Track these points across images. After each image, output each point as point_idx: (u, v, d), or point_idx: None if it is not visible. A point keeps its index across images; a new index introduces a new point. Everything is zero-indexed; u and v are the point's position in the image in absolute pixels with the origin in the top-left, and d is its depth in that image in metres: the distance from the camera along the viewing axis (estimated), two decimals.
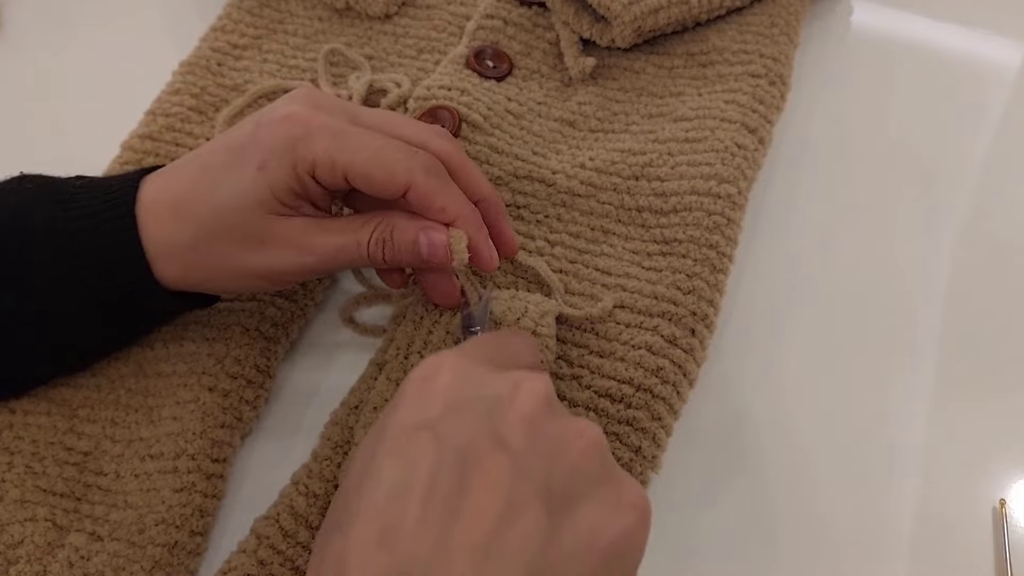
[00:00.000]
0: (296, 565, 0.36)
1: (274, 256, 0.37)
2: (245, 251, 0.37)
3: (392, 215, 0.38)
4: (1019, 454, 0.42)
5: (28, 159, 0.41)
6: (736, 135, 0.47)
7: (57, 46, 0.58)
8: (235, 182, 0.36)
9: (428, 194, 0.37)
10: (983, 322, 0.46)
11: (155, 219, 0.37)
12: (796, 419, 0.42)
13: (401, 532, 0.25)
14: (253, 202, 0.36)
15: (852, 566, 0.39)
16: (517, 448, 0.27)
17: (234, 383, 0.41)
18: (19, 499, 0.38)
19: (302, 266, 0.37)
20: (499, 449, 0.27)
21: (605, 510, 0.27)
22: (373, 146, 0.36)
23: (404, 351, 0.41)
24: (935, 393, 0.43)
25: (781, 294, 0.46)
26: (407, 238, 0.37)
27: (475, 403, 0.28)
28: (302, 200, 0.37)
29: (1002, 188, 0.50)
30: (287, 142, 0.36)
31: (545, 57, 0.52)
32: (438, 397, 0.29)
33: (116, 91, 0.53)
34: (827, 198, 0.50)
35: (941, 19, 0.58)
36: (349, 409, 0.40)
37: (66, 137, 0.52)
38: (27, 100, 0.55)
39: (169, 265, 0.37)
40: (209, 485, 0.39)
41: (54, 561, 0.36)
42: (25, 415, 0.40)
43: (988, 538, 0.40)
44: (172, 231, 0.37)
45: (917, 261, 0.48)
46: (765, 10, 0.52)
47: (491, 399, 0.28)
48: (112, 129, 0.49)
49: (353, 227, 0.37)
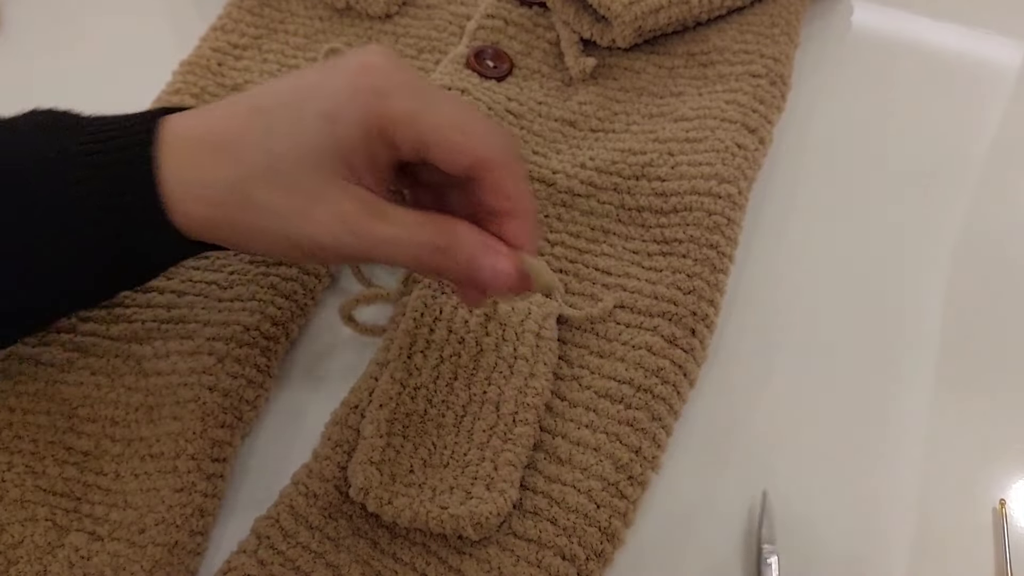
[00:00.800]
0: (296, 565, 0.36)
1: (319, 227, 0.32)
2: (289, 212, 0.32)
3: (456, 221, 0.33)
4: (1019, 454, 0.42)
5: None
6: (736, 135, 0.47)
7: (57, 46, 0.57)
8: (295, 129, 0.32)
9: (504, 174, 0.33)
10: (983, 322, 0.46)
11: (183, 156, 0.32)
12: (797, 418, 0.42)
13: None
14: (313, 155, 0.32)
15: (852, 566, 0.39)
16: None
17: (234, 382, 0.41)
18: (19, 499, 0.38)
19: (341, 246, 0.32)
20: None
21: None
22: (459, 110, 0.33)
23: (407, 350, 0.41)
24: (935, 393, 0.43)
25: (781, 294, 0.46)
26: (466, 253, 0.33)
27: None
28: (365, 168, 0.33)
29: (1002, 188, 0.50)
30: (365, 94, 0.32)
31: (545, 57, 0.52)
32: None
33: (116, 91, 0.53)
34: (827, 198, 0.50)
35: (941, 19, 0.58)
36: (349, 409, 0.40)
37: None
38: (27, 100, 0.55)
39: (195, 208, 0.32)
40: (209, 485, 0.39)
41: (54, 561, 0.36)
42: (25, 415, 0.40)
43: (988, 538, 0.40)
44: (208, 170, 0.32)
45: (917, 261, 0.48)
46: (766, 10, 0.52)
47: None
48: None
49: (411, 222, 0.33)
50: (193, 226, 0.33)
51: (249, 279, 0.44)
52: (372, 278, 0.45)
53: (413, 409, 0.39)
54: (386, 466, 0.37)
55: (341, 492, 0.38)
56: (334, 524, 0.37)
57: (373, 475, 0.37)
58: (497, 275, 0.33)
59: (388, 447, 0.38)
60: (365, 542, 0.37)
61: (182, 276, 0.44)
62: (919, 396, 0.43)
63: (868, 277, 0.47)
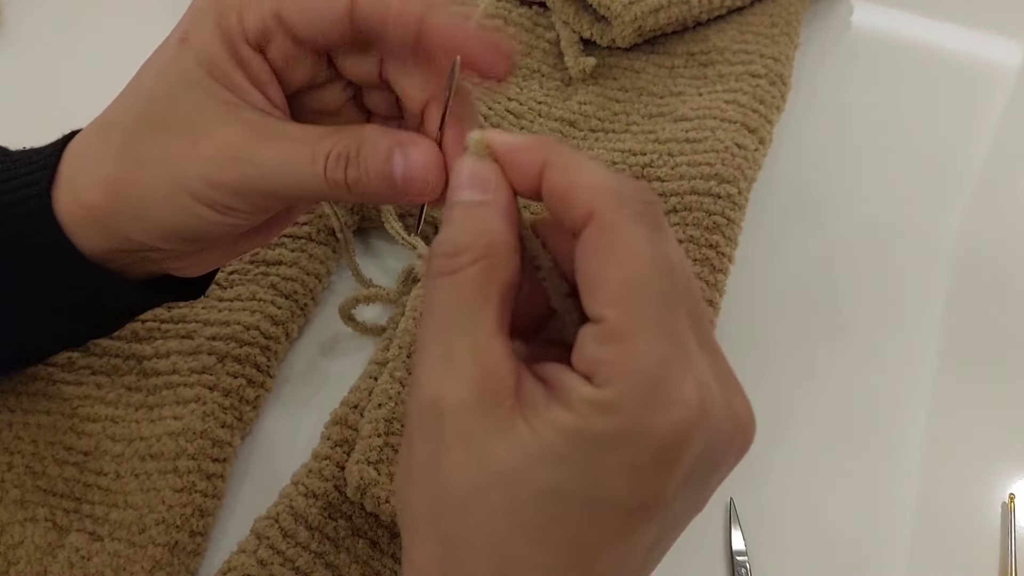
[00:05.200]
0: (296, 565, 0.36)
1: (208, 164, 0.28)
2: (176, 156, 0.28)
3: (363, 127, 0.28)
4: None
5: None
6: (736, 135, 0.47)
7: (57, 46, 0.57)
8: (156, 65, 0.29)
9: (405, 12, 0.27)
10: (987, 318, 0.46)
11: (77, 146, 0.31)
12: (798, 417, 0.42)
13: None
14: (180, 82, 0.28)
15: (860, 562, 0.39)
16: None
17: (235, 382, 0.41)
18: (19, 499, 0.38)
19: (242, 180, 0.28)
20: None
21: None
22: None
23: (407, 349, 0.41)
24: (943, 389, 0.43)
25: (781, 294, 0.46)
26: (379, 153, 0.27)
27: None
28: (249, 81, 0.29)
29: (1002, 187, 0.51)
30: (210, 3, 0.28)
31: (545, 57, 0.52)
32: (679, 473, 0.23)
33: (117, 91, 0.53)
34: (827, 198, 0.50)
35: (941, 19, 0.58)
36: (349, 408, 0.40)
37: None
38: (27, 100, 0.55)
39: (89, 192, 0.30)
40: (209, 485, 0.39)
41: (54, 561, 0.36)
42: (25, 414, 0.40)
43: (996, 534, 0.40)
44: (95, 147, 0.30)
45: (918, 260, 0.48)
46: (765, 10, 0.52)
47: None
48: None
49: (310, 136, 0.28)
50: (89, 228, 0.30)
51: (249, 279, 0.44)
52: (372, 278, 0.45)
53: None
54: (384, 465, 0.37)
55: (341, 492, 0.38)
56: (333, 524, 0.37)
57: (370, 474, 0.37)
58: (411, 169, 0.27)
59: (386, 446, 0.38)
60: (364, 542, 0.37)
61: None
62: (928, 392, 0.43)
63: (868, 276, 0.47)
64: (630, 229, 0.23)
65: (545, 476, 0.22)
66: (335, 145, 0.28)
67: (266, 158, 0.28)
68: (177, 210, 0.29)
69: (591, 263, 0.23)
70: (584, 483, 0.22)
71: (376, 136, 0.28)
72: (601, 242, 0.23)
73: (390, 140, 0.27)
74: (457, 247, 0.24)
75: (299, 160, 0.28)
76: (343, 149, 0.28)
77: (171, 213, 0.29)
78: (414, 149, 0.27)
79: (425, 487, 0.24)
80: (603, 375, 0.22)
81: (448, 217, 0.25)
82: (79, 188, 0.30)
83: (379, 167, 0.27)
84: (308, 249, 0.45)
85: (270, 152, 0.28)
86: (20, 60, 0.57)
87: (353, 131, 0.28)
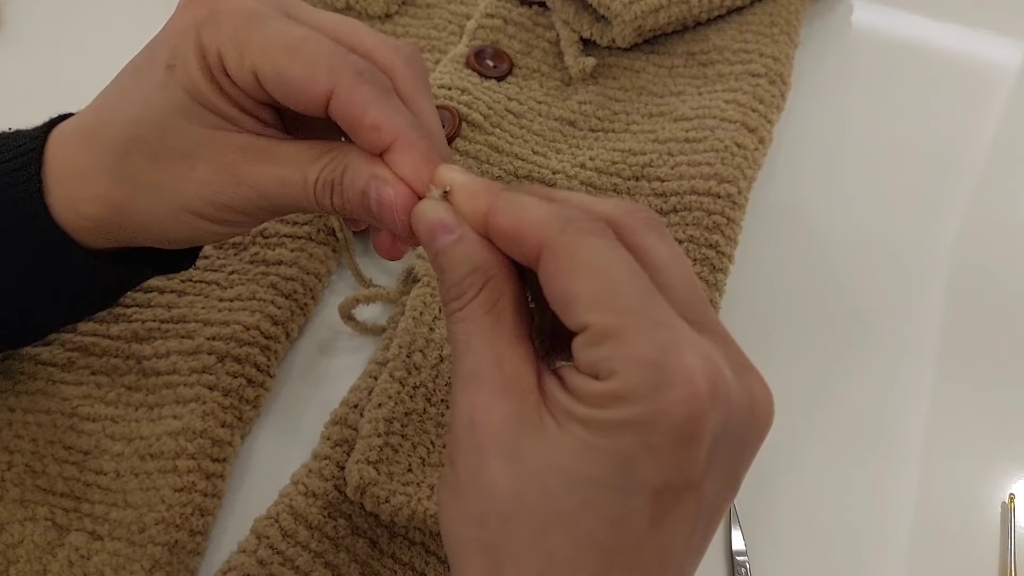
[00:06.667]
0: (296, 565, 0.36)
1: (206, 187, 0.29)
2: (172, 181, 0.29)
3: (349, 151, 0.29)
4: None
5: None
6: (736, 135, 0.47)
7: (57, 46, 0.57)
8: (144, 88, 0.29)
9: (356, 104, 0.28)
10: (988, 318, 0.46)
11: (63, 152, 0.31)
12: (798, 416, 0.42)
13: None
14: (170, 110, 0.29)
15: (860, 562, 0.39)
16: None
17: (235, 382, 0.41)
18: (19, 499, 0.38)
19: (244, 200, 0.30)
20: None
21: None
22: (293, 36, 0.28)
23: (407, 349, 0.41)
24: (943, 388, 0.43)
25: (781, 294, 0.46)
26: (357, 185, 0.29)
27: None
28: (237, 109, 0.29)
29: (1002, 188, 0.51)
30: (192, 28, 0.28)
31: (545, 56, 0.52)
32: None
33: None
34: (827, 198, 0.50)
35: (941, 19, 0.58)
36: (349, 408, 0.40)
37: None
38: (27, 100, 0.55)
39: (89, 205, 0.30)
40: (209, 484, 0.39)
41: (54, 561, 0.36)
42: (25, 414, 0.40)
43: (998, 533, 0.40)
44: (84, 160, 0.30)
45: (918, 259, 0.48)
46: (765, 9, 0.52)
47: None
48: None
49: (302, 158, 0.29)
50: (94, 224, 0.31)
51: (249, 279, 0.44)
52: (372, 278, 0.45)
53: (412, 408, 0.39)
54: (383, 465, 0.37)
55: (340, 492, 0.38)
56: (333, 524, 0.37)
57: (369, 474, 0.37)
58: (382, 204, 0.28)
59: (386, 446, 0.38)
60: (364, 541, 0.37)
61: (182, 276, 0.44)
62: (927, 391, 0.43)
63: (868, 275, 0.47)
64: (581, 243, 0.24)
65: (575, 467, 0.23)
66: (322, 171, 0.29)
67: (263, 181, 0.29)
68: (181, 224, 0.31)
69: (557, 284, 0.24)
70: (613, 470, 0.23)
71: (358, 165, 0.29)
72: (559, 263, 0.24)
73: (369, 172, 0.28)
74: (459, 287, 0.26)
75: (293, 182, 0.29)
76: (329, 175, 0.29)
77: (175, 227, 0.31)
78: (385, 188, 0.28)
79: (470, 501, 0.25)
80: (605, 370, 0.23)
81: (438, 268, 0.27)
82: (77, 200, 0.31)
83: (359, 197, 0.29)
84: (308, 249, 0.45)
85: (265, 176, 0.29)
86: (20, 60, 0.57)
87: (340, 155, 0.29)
